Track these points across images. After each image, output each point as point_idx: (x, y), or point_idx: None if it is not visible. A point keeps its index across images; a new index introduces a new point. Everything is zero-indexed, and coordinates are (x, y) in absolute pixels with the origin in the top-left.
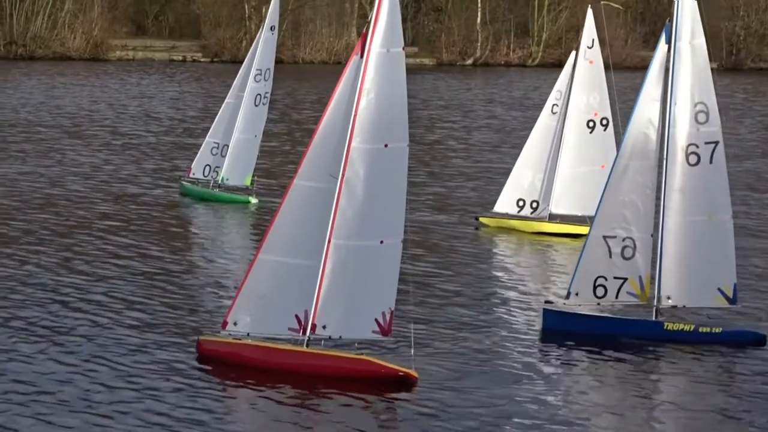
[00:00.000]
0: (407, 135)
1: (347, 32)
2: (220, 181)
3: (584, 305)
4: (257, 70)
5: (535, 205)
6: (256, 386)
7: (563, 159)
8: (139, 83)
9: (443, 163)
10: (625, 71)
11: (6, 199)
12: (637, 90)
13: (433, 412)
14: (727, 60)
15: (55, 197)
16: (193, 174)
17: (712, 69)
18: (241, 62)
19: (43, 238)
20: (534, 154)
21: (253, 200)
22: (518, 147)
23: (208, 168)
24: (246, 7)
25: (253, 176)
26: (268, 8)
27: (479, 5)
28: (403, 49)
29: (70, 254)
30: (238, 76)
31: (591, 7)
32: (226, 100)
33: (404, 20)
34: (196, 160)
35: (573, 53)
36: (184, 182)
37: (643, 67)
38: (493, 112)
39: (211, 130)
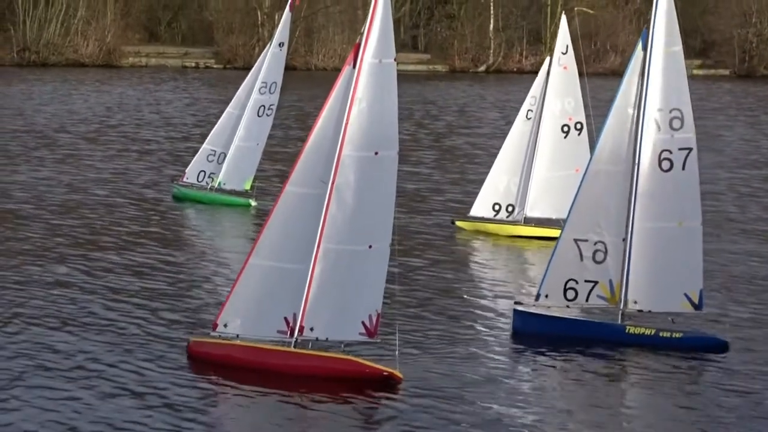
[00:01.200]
0: (397, 143)
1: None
2: (216, 186)
3: (554, 307)
4: (262, 82)
5: (510, 209)
6: (243, 386)
7: (538, 163)
8: (154, 90)
9: (460, 169)
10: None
11: (27, 204)
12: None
13: (416, 411)
14: (740, 67)
15: (74, 203)
16: (187, 179)
17: (724, 76)
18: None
19: (60, 243)
20: (509, 159)
21: (253, 203)
22: None
23: (202, 174)
24: (259, 14)
25: (254, 181)
26: (281, 16)
27: (492, 12)
28: (395, 59)
29: (76, 256)
30: (242, 87)
31: (565, 15)
32: (228, 110)
33: (417, 27)
34: (191, 165)
35: (547, 59)
36: (178, 186)
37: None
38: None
39: (209, 138)
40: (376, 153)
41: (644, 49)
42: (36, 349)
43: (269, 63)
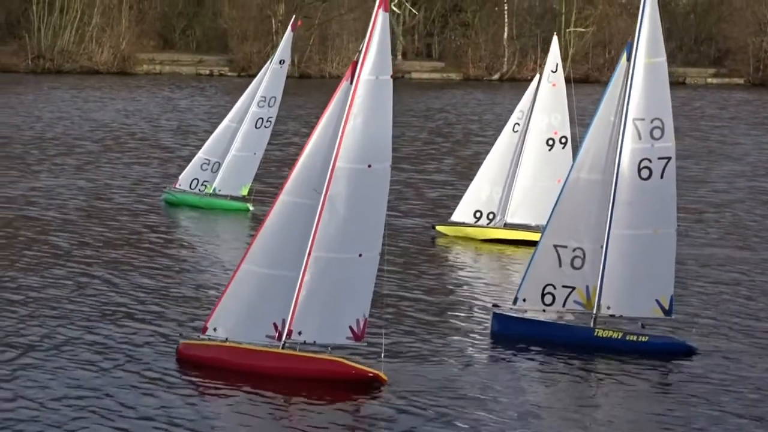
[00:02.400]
0: (390, 156)
1: None
2: (211, 192)
3: (530, 311)
4: (261, 97)
5: (491, 216)
6: (231, 387)
7: (521, 173)
8: (170, 97)
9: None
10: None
11: (50, 211)
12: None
13: (400, 412)
14: (754, 76)
15: (96, 210)
16: (180, 185)
17: (738, 84)
18: None
19: (81, 250)
20: (494, 169)
21: (251, 207)
22: None
23: (195, 181)
24: (273, 21)
25: (251, 188)
26: (300, 14)
27: (506, 20)
28: (391, 76)
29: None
30: (240, 100)
31: (556, 35)
32: (225, 122)
33: (431, 35)
34: (184, 172)
35: (537, 76)
36: (173, 192)
37: (670, 83)
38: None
39: (204, 147)
40: (369, 166)
41: (628, 59)
42: (23, 351)
43: (269, 79)
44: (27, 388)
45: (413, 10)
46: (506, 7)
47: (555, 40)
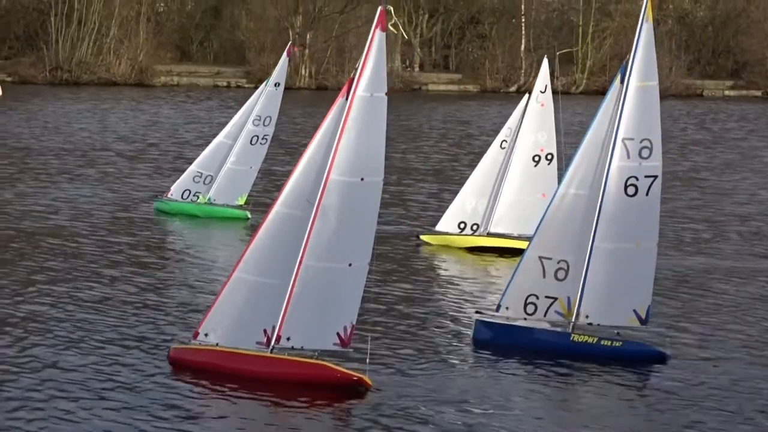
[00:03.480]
0: (383, 171)
1: (391, 59)
2: (206, 202)
3: (511, 318)
4: (257, 116)
5: (475, 227)
6: (217, 389)
7: (506, 187)
8: (189, 108)
9: None
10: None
11: (77, 222)
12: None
13: (384, 416)
14: None
15: (121, 220)
16: (172, 195)
17: (756, 97)
18: (287, 88)
19: (103, 262)
20: (479, 183)
21: (250, 216)
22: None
23: (187, 192)
24: (290, 33)
25: (248, 198)
26: (313, 36)
27: (523, 32)
28: (386, 93)
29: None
30: (234, 118)
31: (547, 57)
32: (220, 139)
33: (448, 47)
34: (176, 183)
35: (526, 96)
36: (165, 201)
37: (687, 96)
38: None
39: (197, 160)
40: (362, 179)
41: (622, 81)
42: (18, 358)
43: (265, 101)
44: (17, 394)
45: (404, 33)
46: (523, 20)
47: (545, 62)
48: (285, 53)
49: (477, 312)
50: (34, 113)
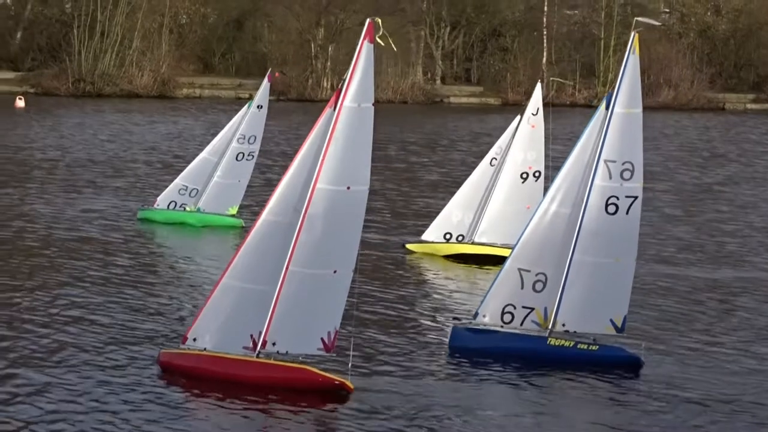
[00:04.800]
0: (368, 180)
1: (413, 71)
2: (195, 211)
3: (489, 326)
4: (241, 134)
5: (460, 238)
6: (202, 393)
7: (493, 200)
8: (213, 120)
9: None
10: (681, 113)
11: (111, 232)
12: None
13: (365, 419)
14: None
15: (148, 232)
16: (158, 205)
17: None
18: (308, 100)
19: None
20: (468, 196)
21: (244, 224)
22: None
23: (173, 203)
24: (312, 46)
25: (239, 209)
26: (335, 49)
27: (545, 45)
28: (373, 104)
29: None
30: (219, 136)
31: (540, 81)
32: (205, 155)
33: (470, 60)
34: (162, 194)
35: (518, 117)
36: (153, 209)
37: (709, 108)
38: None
39: (183, 173)
40: (348, 188)
41: (607, 108)
42: (4, 361)
43: (249, 121)
44: (3, 398)
45: (393, 46)
46: (545, 33)
47: (538, 86)
48: (266, 78)
49: (454, 318)
50: (58, 125)
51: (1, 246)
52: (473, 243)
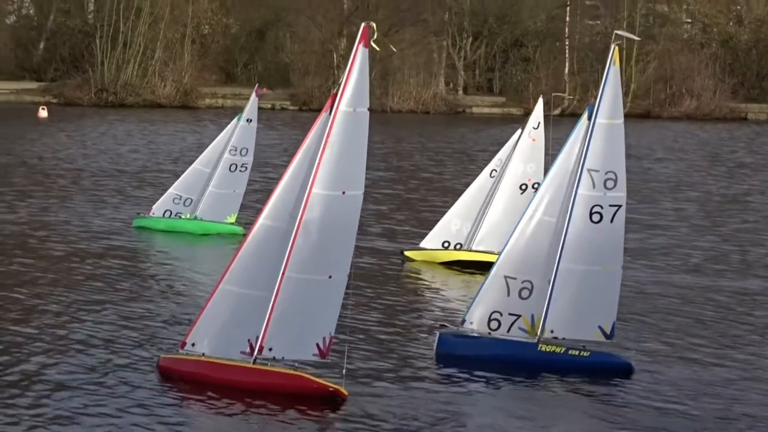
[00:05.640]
0: (363, 184)
1: (435, 82)
2: (192, 219)
3: (476, 333)
4: (233, 146)
5: (458, 246)
6: (198, 398)
7: (491, 210)
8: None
9: None
10: (705, 123)
11: (133, 242)
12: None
13: (358, 425)
14: None
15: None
16: (153, 213)
17: None
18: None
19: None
20: (467, 206)
21: (244, 231)
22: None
23: (168, 212)
24: (335, 56)
25: (237, 217)
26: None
27: (567, 55)
28: (369, 109)
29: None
30: (210, 147)
31: (542, 97)
32: (197, 167)
33: (492, 70)
34: (157, 203)
35: (519, 130)
36: (147, 217)
37: (731, 119)
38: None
39: (176, 183)
40: (343, 192)
41: (589, 118)
42: (6, 366)
43: (239, 134)
44: (3, 402)
45: (392, 48)
46: (567, 42)
47: (540, 101)
48: (254, 93)
49: (441, 326)
50: (83, 135)
51: (27, 254)
52: (471, 251)
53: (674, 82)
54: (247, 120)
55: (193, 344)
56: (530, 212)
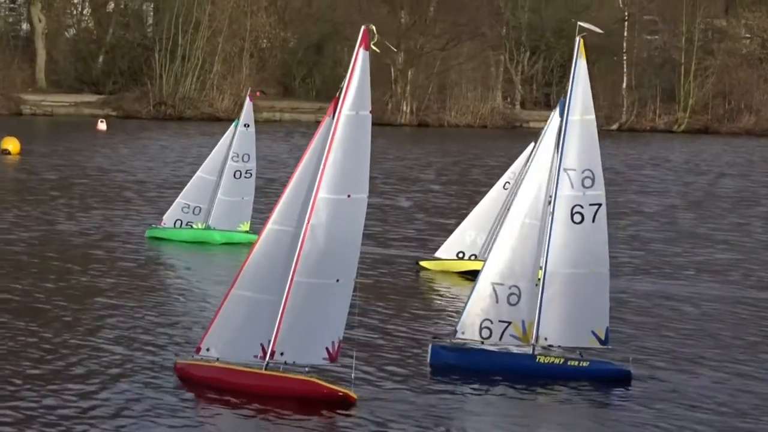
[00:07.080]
0: (367, 187)
1: (492, 96)
2: (204, 228)
3: (469, 342)
4: (234, 153)
5: (473, 257)
6: (210, 402)
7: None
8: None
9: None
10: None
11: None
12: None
13: (367, 429)
14: None
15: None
16: (165, 224)
17: None
18: (387, 124)
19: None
20: (481, 218)
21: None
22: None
23: (179, 222)
24: (392, 69)
25: (250, 226)
26: (414, 73)
27: (625, 70)
28: (370, 112)
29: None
30: (212, 155)
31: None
32: (201, 174)
33: (549, 85)
34: (167, 213)
35: (532, 143)
36: (159, 228)
37: None
38: (663, 177)
39: (183, 192)
40: (349, 196)
41: (561, 115)
42: (22, 369)
43: (239, 140)
44: (21, 405)
45: (393, 48)
46: (625, 57)
47: (556, 112)
48: (248, 98)
49: (434, 338)
50: (144, 147)
51: (94, 264)
52: (484, 261)
53: (733, 98)
54: (245, 125)
55: (207, 349)
56: (511, 216)
